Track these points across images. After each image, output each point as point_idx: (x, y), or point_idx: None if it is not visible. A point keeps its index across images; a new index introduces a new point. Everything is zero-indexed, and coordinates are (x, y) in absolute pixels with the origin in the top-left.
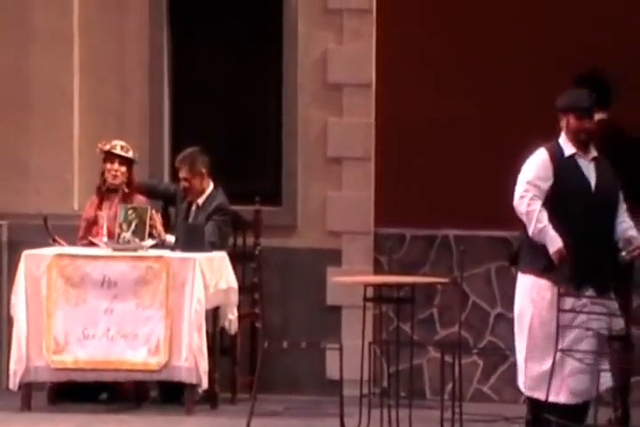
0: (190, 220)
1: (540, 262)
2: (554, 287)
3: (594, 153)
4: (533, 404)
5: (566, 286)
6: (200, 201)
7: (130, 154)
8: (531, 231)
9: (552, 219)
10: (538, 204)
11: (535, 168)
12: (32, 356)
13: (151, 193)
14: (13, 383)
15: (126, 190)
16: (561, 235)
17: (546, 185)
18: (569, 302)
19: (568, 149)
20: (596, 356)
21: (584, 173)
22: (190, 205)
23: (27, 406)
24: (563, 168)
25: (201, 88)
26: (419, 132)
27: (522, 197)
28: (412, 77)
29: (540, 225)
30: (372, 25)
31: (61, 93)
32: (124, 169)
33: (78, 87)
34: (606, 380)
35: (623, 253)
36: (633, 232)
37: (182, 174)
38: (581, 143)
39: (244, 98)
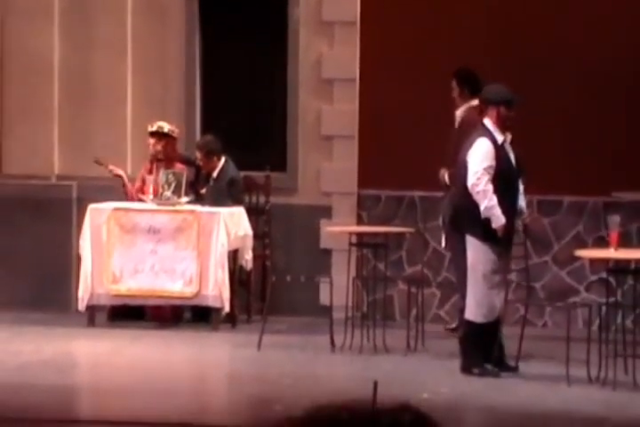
0: (211, 186)
1: (483, 231)
2: (493, 250)
3: (509, 136)
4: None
5: (498, 248)
6: (214, 174)
7: (165, 130)
8: (483, 207)
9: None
10: (490, 185)
11: (485, 155)
12: (95, 285)
13: (187, 162)
14: (81, 306)
15: (163, 159)
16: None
17: (492, 169)
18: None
19: (499, 136)
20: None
21: (509, 156)
22: (209, 176)
23: (91, 323)
24: (499, 154)
25: (225, 82)
26: (392, 117)
27: (478, 178)
28: (387, 74)
29: (492, 203)
30: (356, 33)
31: (117, 87)
32: (161, 143)
33: (131, 82)
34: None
35: (518, 222)
36: (522, 203)
37: (199, 156)
38: (505, 129)
39: (258, 89)
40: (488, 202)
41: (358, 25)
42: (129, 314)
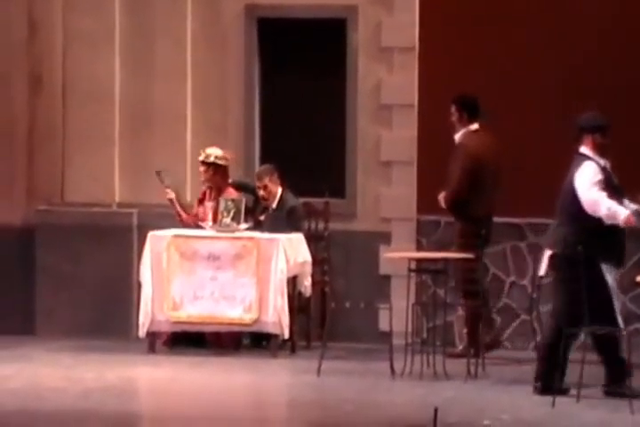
0: (270, 214)
1: (614, 256)
2: (616, 274)
3: (609, 163)
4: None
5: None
6: (274, 204)
7: (212, 159)
8: (605, 211)
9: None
10: (603, 193)
11: (593, 173)
12: (156, 312)
13: (244, 188)
14: (142, 333)
15: (213, 186)
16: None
17: (602, 184)
18: None
19: (600, 161)
20: None
21: (613, 177)
22: (267, 209)
23: (152, 350)
24: (605, 174)
25: (284, 109)
26: (451, 142)
27: (589, 190)
28: (446, 100)
29: (610, 203)
30: (415, 59)
31: (177, 114)
32: (209, 171)
33: (190, 109)
34: None
35: None
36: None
37: (263, 183)
38: (602, 156)
39: (317, 115)
40: (607, 205)
41: (417, 50)
42: (189, 341)
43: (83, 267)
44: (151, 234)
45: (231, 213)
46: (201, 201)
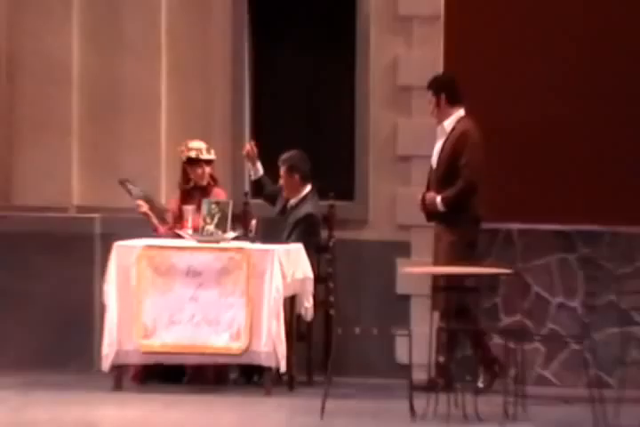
0: (284, 218)
1: None
2: None
3: None
4: None
5: None
6: (294, 201)
7: (212, 154)
8: None
9: None
10: None
11: None
12: (123, 340)
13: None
14: (105, 366)
15: (212, 183)
16: None
17: None
18: None
19: None
20: None
21: None
22: (286, 204)
23: (118, 386)
24: None
25: (279, 91)
26: (485, 134)
27: None
28: (478, 82)
29: None
30: (440, 31)
31: (150, 97)
32: (208, 169)
33: (166, 91)
34: None
35: None
36: None
37: (282, 171)
38: None
39: (319, 100)
40: None
41: (442, 20)
42: (163, 375)
43: (33, 285)
44: (117, 244)
45: (215, 219)
46: (179, 208)
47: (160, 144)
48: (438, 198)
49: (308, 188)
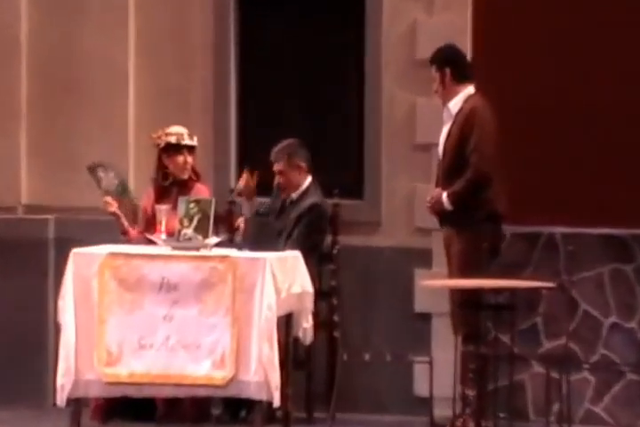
0: (283, 216)
1: None
2: None
3: None
4: None
5: None
6: (295, 195)
7: (195, 141)
8: None
9: None
10: None
11: None
12: (81, 368)
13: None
14: (61, 399)
15: (193, 178)
16: None
17: None
18: None
19: None
20: None
21: None
22: (284, 202)
23: (76, 423)
24: None
25: (272, 66)
26: (518, 119)
27: None
28: (514, 55)
29: None
30: None
31: (115, 74)
32: (191, 159)
33: (134, 65)
34: None
35: None
36: None
37: (278, 167)
38: None
39: (320, 77)
40: None
41: None
42: (131, 410)
43: None
44: (75, 251)
45: (195, 221)
46: (152, 207)
47: (127, 130)
48: (444, 195)
49: (309, 179)
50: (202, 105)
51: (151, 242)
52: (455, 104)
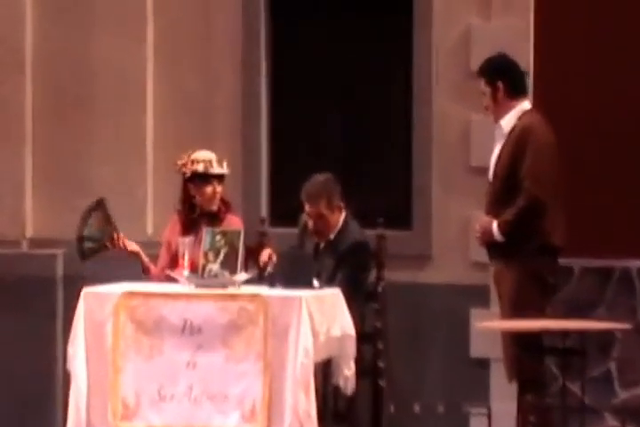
0: (320, 259)
1: None
2: None
3: None
4: None
5: None
6: (332, 235)
7: (225, 168)
8: None
9: None
10: None
11: None
12: (94, 422)
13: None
14: None
15: (222, 208)
16: None
17: None
18: None
19: None
20: None
21: None
22: (318, 244)
23: None
24: None
25: (307, 79)
26: (583, 137)
27: None
28: (581, 64)
29: None
30: None
31: (132, 86)
32: (220, 188)
33: (152, 78)
34: None
35: None
36: None
37: (314, 210)
38: None
39: (362, 91)
40: None
41: None
42: None
43: None
44: (86, 291)
45: (221, 255)
46: (171, 239)
47: (145, 152)
48: (494, 224)
49: (343, 214)
50: (229, 122)
51: (172, 279)
52: (508, 122)
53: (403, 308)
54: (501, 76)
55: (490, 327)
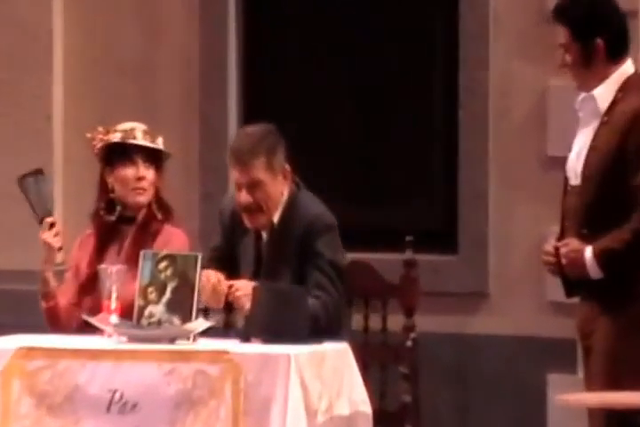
0: (267, 260)
1: None
2: None
3: None
4: None
5: None
6: (275, 218)
7: (160, 144)
8: None
9: None
10: None
11: None
12: None
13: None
14: None
15: (157, 215)
16: None
17: None
18: None
19: None
20: None
21: None
22: (258, 238)
23: None
24: None
25: (295, 33)
26: None
27: None
28: None
29: None
30: None
31: (36, 49)
32: (151, 175)
33: (62, 38)
34: None
35: None
36: None
37: (252, 174)
38: None
39: (389, 51)
40: None
41: None
42: None
43: None
44: None
45: (168, 292)
46: (90, 263)
47: (52, 140)
48: (588, 251)
49: (289, 184)
50: (180, 93)
51: (90, 327)
52: (604, 93)
53: (444, 371)
54: (602, 31)
55: (577, 402)
